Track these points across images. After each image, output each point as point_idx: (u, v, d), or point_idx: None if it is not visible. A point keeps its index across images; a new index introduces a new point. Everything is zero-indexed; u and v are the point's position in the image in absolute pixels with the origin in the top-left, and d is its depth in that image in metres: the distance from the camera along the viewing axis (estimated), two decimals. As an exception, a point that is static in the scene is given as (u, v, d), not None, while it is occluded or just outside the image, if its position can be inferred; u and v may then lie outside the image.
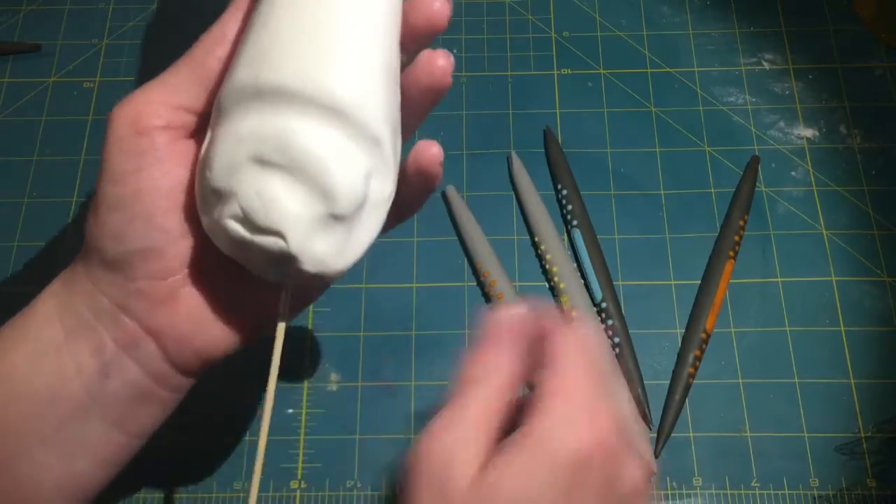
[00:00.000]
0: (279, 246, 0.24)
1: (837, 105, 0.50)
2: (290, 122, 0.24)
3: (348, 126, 0.24)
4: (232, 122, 0.25)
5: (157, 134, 0.26)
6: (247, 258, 0.26)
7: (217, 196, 0.25)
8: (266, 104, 0.24)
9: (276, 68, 0.24)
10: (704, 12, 0.54)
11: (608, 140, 0.49)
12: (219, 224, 0.25)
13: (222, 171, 0.24)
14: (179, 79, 0.26)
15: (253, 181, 0.24)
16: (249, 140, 0.24)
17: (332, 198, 0.24)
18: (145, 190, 0.26)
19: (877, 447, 0.41)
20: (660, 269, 0.46)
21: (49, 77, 0.53)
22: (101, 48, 0.53)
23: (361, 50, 0.25)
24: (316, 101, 0.24)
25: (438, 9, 0.26)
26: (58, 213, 0.48)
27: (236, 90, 0.25)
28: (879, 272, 0.45)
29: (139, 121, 0.26)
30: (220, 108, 0.25)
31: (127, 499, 0.40)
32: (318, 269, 0.25)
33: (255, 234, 0.24)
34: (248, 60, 0.25)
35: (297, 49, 0.24)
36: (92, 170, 0.49)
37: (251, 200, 0.24)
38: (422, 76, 0.27)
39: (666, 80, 0.51)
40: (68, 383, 0.27)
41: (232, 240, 0.25)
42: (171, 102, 0.26)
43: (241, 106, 0.24)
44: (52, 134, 0.51)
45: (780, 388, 0.43)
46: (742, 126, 0.50)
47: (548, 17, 0.54)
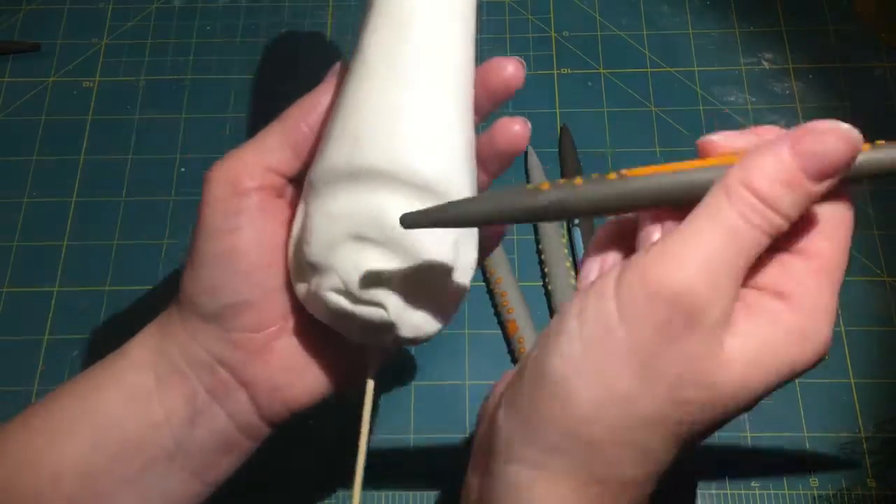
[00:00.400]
0: (380, 315, 0.26)
1: (837, 105, 0.50)
2: (383, 200, 0.25)
3: (439, 199, 0.25)
4: (327, 200, 0.26)
5: (252, 194, 0.27)
6: (344, 326, 0.27)
7: (314, 269, 0.27)
8: (359, 184, 0.26)
9: (366, 150, 0.25)
10: (704, 12, 0.54)
11: (608, 139, 0.49)
12: (317, 295, 0.27)
13: (320, 247, 0.26)
14: (273, 143, 0.28)
15: (351, 256, 0.26)
16: (346, 218, 0.26)
17: (427, 270, 0.26)
18: (241, 247, 0.27)
19: (877, 447, 0.41)
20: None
21: (48, 77, 0.52)
22: (101, 48, 0.53)
23: (444, 127, 0.26)
24: (405, 180, 0.25)
25: (513, 73, 0.28)
26: (57, 212, 0.48)
27: (329, 170, 0.26)
28: (879, 272, 0.45)
29: (237, 182, 0.27)
30: (313, 185, 0.27)
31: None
32: (414, 335, 0.27)
33: (356, 304, 0.26)
34: (340, 141, 0.26)
35: (385, 130, 0.26)
36: (91, 169, 0.49)
37: (351, 274, 0.26)
38: (500, 142, 0.28)
39: (666, 79, 0.51)
40: (157, 430, 0.27)
41: (330, 310, 0.27)
42: (264, 164, 0.28)
43: (334, 185, 0.26)
44: (52, 134, 0.51)
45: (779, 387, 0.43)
46: (742, 126, 0.50)
47: (547, 17, 0.54)
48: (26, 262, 0.47)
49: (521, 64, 0.28)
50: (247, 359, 0.28)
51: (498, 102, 0.29)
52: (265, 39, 0.53)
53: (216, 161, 0.28)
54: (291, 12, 0.54)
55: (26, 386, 0.43)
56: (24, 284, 0.46)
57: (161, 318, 0.29)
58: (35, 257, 0.47)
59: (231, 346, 0.27)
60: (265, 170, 0.28)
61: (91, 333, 0.45)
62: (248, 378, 0.28)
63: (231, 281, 0.27)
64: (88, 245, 0.47)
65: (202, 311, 0.27)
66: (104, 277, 0.46)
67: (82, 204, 0.48)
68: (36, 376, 0.44)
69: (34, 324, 0.45)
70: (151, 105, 0.51)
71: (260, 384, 0.28)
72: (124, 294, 0.46)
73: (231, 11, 0.54)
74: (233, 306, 0.27)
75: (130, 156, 0.50)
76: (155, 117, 0.51)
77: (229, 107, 0.51)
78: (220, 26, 0.54)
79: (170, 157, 0.50)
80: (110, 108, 0.51)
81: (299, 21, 0.54)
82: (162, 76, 0.52)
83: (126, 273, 0.46)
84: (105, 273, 0.46)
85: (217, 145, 0.50)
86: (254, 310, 0.27)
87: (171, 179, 0.49)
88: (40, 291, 0.46)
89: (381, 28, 0.26)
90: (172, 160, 0.50)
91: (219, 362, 0.28)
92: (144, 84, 0.52)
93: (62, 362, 0.44)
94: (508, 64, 0.28)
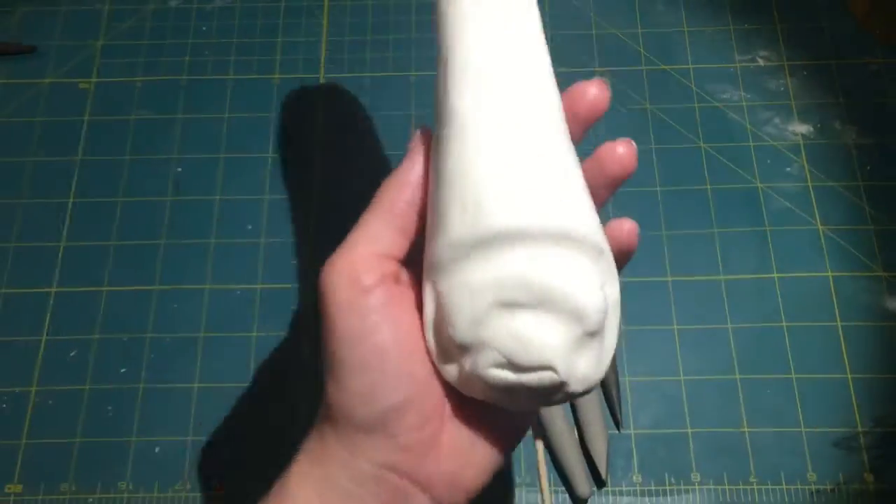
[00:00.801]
0: (550, 378, 0.25)
1: (832, 101, 0.50)
2: (523, 260, 0.24)
3: (576, 246, 0.25)
4: (460, 275, 0.25)
5: (376, 289, 0.26)
6: (508, 399, 0.26)
7: (463, 350, 0.25)
8: (492, 250, 0.24)
9: (492, 213, 0.24)
10: (699, 9, 0.54)
11: (603, 137, 0.49)
12: (473, 375, 0.25)
13: (466, 325, 0.25)
14: (378, 229, 0.27)
15: (506, 326, 0.24)
16: (488, 289, 0.24)
17: (584, 318, 0.25)
18: (385, 346, 0.25)
19: (874, 442, 0.41)
20: (656, 265, 0.46)
21: (44, 78, 0.53)
22: (97, 49, 0.53)
23: (563, 168, 0.25)
24: (543, 234, 0.24)
25: (597, 94, 0.27)
26: (54, 213, 0.48)
27: (454, 243, 0.25)
28: (875, 267, 0.45)
29: (358, 280, 0.26)
30: (439, 263, 0.26)
31: None
32: (584, 387, 0.26)
33: (522, 374, 0.25)
34: (459, 211, 0.25)
35: (506, 188, 0.25)
36: (88, 171, 0.49)
37: (511, 344, 0.24)
38: (610, 168, 0.27)
39: (661, 77, 0.51)
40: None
41: (492, 386, 0.25)
42: (377, 253, 0.26)
43: (465, 258, 0.25)
44: (48, 135, 0.51)
45: (778, 383, 0.43)
46: (737, 122, 0.50)
47: (543, 15, 0.54)
48: (24, 264, 0.47)
49: (604, 84, 0.27)
50: (418, 459, 0.26)
51: (587, 128, 0.28)
52: (261, 40, 0.54)
53: (328, 261, 0.27)
54: (287, 13, 0.54)
55: (24, 387, 0.43)
56: (21, 286, 0.46)
57: (311, 447, 0.27)
58: (32, 258, 0.47)
59: (399, 451, 0.26)
60: (380, 258, 0.26)
61: (89, 334, 0.45)
62: (423, 478, 0.26)
63: (384, 382, 0.25)
64: (85, 246, 0.47)
65: (361, 423, 0.26)
66: (101, 278, 0.46)
67: (79, 205, 0.48)
68: (34, 377, 0.44)
69: (32, 325, 0.45)
70: (148, 106, 0.51)
71: (436, 480, 0.26)
72: (122, 295, 0.46)
73: (227, 12, 0.55)
74: (393, 408, 0.25)
75: (127, 157, 0.50)
76: (151, 118, 0.51)
77: (226, 107, 0.51)
78: (216, 27, 0.54)
79: (166, 158, 0.50)
80: (107, 110, 0.51)
81: (295, 21, 0.54)
82: (158, 77, 0.52)
83: (123, 273, 0.46)
84: (102, 274, 0.46)
85: (214, 146, 0.50)
86: (413, 406, 0.26)
87: (168, 180, 0.49)
88: (38, 293, 0.46)
89: (466, 88, 0.26)
90: (169, 161, 0.50)
91: (390, 471, 0.26)
92: (141, 85, 0.52)
93: (60, 363, 0.44)
94: (591, 87, 0.27)
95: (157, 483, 0.41)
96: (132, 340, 0.45)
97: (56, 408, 0.43)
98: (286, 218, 0.48)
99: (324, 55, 0.53)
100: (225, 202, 0.48)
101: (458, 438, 0.27)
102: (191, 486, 0.41)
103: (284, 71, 0.52)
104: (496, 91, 0.25)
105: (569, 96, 0.27)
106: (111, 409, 0.43)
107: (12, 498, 0.41)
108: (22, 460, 0.42)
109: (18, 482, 0.41)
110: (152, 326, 0.45)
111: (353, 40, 0.53)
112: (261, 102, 0.51)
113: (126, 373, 0.44)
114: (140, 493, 0.41)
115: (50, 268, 0.47)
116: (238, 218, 0.48)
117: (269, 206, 0.48)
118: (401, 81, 0.51)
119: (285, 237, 0.47)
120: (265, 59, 0.53)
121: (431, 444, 0.26)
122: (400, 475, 0.26)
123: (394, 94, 0.51)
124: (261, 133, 0.50)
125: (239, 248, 0.47)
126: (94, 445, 0.42)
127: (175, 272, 0.46)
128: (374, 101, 0.51)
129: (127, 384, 0.44)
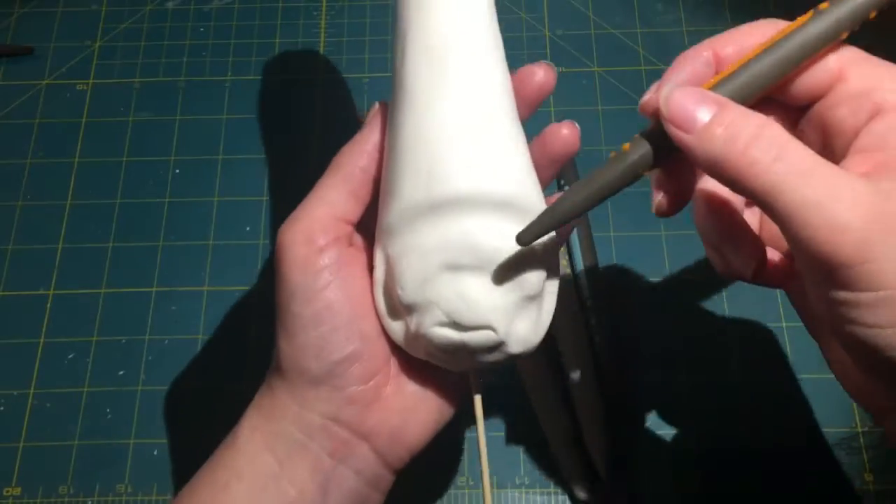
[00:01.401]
0: (490, 337, 0.26)
1: (831, 100, 0.50)
2: (470, 225, 0.26)
3: (519, 213, 0.26)
4: (410, 238, 0.27)
5: (329, 249, 0.28)
6: (451, 358, 0.27)
7: (410, 310, 0.27)
8: (441, 215, 0.26)
9: (442, 181, 0.26)
10: (698, 9, 0.54)
11: (602, 137, 0.49)
12: (419, 334, 0.27)
13: (415, 286, 0.26)
14: (335, 194, 0.29)
15: (451, 287, 0.26)
16: (436, 251, 0.26)
17: (524, 282, 0.26)
18: (335, 302, 0.27)
19: (874, 442, 0.41)
20: (655, 264, 0.46)
21: (42, 80, 0.52)
22: (94, 50, 0.53)
23: (508, 145, 0.27)
24: (490, 202, 0.26)
25: (543, 77, 0.29)
26: (52, 215, 0.48)
27: (408, 209, 0.27)
28: (875, 267, 0.45)
29: (312, 240, 0.27)
30: (391, 227, 0.27)
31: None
32: (522, 349, 0.27)
33: (465, 332, 0.26)
34: (412, 178, 0.27)
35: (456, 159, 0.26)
36: (86, 172, 0.49)
37: (455, 303, 0.26)
38: (554, 147, 0.29)
39: (660, 76, 0.51)
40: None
41: (435, 345, 0.27)
42: (332, 216, 0.28)
43: (416, 222, 0.26)
44: (46, 137, 0.51)
45: (778, 383, 0.43)
46: (736, 122, 0.50)
47: (541, 16, 0.54)
48: (21, 265, 0.47)
49: (551, 67, 0.29)
50: (362, 411, 0.28)
51: (534, 108, 0.30)
52: (259, 41, 0.54)
53: (285, 221, 0.28)
54: (285, 14, 0.54)
55: (22, 389, 0.43)
56: (19, 287, 0.46)
57: (261, 399, 0.29)
58: (30, 260, 0.47)
59: (345, 403, 0.28)
60: (335, 221, 0.28)
61: (87, 336, 0.45)
62: (367, 430, 0.28)
63: (334, 337, 0.27)
64: (83, 248, 0.47)
65: (310, 375, 0.27)
66: (99, 280, 0.46)
67: (77, 207, 0.48)
68: (32, 379, 0.44)
69: (30, 327, 0.45)
70: (145, 107, 0.51)
71: (379, 433, 0.28)
72: (120, 296, 0.46)
73: (224, 13, 0.54)
74: (341, 362, 0.27)
75: (125, 158, 0.50)
76: (149, 119, 0.51)
77: (223, 109, 0.51)
78: (214, 28, 0.54)
79: (164, 160, 0.50)
80: (104, 111, 0.51)
81: (293, 22, 0.54)
82: (156, 78, 0.52)
83: (121, 275, 0.46)
84: (100, 275, 0.46)
85: (211, 147, 0.50)
86: (360, 361, 0.28)
87: (166, 181, 0.49)
88: (35, 295, 0.46)
89: (421, 65, 0.27)
90: (167, 162, 0.50)
91: (335, 422, 0.28)
92: (138, 86, 0.52)
93: (58, 365, 0.44)
94: (538, 70, 0.29)
95: (156, 485, 0.41)
96: (130, 342, 0.45)
97: (54, 410, 0.43)
98: (285, 219, 0.48)
99: (322, 56, 0.53)
100: (223, 204, 0.48)
101: (402, 396, 0.29)
102: (189, 488, 0.41)
103: (283, 72, 0.52)
104: (450, 69, 0.27)
105: (518, 77, 0.29)
106: (109, 411, 0.43)
107: (11, 500, 0.41)
108: (20, 463, 0.42)
109: (17, 485, 0.41)
110: (150, 328, 0.45)
111: (351, 41, 0.53)
112: (259, 104, 0.51)
113: (124, 375, 0.44)
114: (138, 496, 0.41)
115: (48, 270, 0.47)
116: (236, 219, 0.48)
117: (267, 208, 0.48)
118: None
119: (284, 238, 0.47)
120: (263, 60, 0.53)
121: (375, 398, 0.28)
122: (343, 427, 0.28)
123: (392, 94, 0.51)
124: (259, 134, 0.50)
125: (237, 250, 0.47)
126: (93, 448, 0.42)
127: (173, 274, 0.46)
128: (373, 101, 0.51)
129: (125, 386, 0.44)
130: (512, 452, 0.41)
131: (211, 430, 0.42)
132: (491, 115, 0.27)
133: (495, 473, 0.41)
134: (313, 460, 0.28)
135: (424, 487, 0.41)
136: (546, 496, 0.40)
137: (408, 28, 0.28)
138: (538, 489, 0.41)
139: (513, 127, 0.28)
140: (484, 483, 0.29)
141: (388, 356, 0.29)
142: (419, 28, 0.28)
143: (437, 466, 0.41)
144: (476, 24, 0.28)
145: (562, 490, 0.41)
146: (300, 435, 0.28)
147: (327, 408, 0.28)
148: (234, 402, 0.43)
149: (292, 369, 0.28)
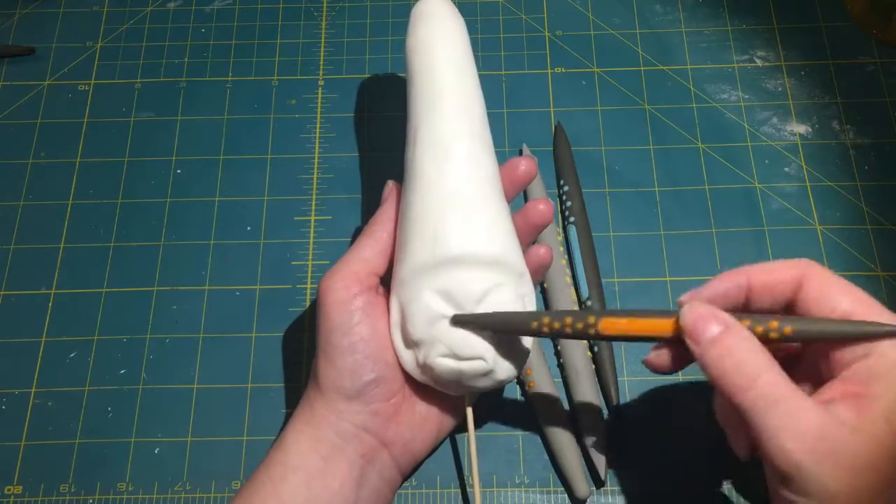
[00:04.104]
0: (482, 366, 0.34)
1: (830, 101, 0.50)
2: (465, 278, 0.34)
3: (504, 271, 0.34)
4: (419, 289, 0.34)
5: (362, 294, 0.35)
6: (450, 384, 0.35)
7: (419, 344, 0.34)
8: (442, 272, 0.34)
9: (445, 245, 0.34)
10: (697, 10, 0.54)
11: (602, 138, 0.50)
12: (426, 364, 0.34)
13: (423, 326, 0.34)
14: (368, 253, 0.36)
15: (451, 326, 0.34)
16: (439, 298, 0.34)
17: None
18: (368, 336, 0.35)
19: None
20: (654, 265, 0.46)
21: (44, 80, 0.53)
22: (96, 51, 0.53)
23: (496, 216, 0.35)
24: (480, 261, 0.34)
25: (525, 169, 0.37)
26: (54, 215, 0.48)
27: (418, 266, 0.34)
28: (873, 266, 0.45)
29: (349, 287, 0.35)
30: (404, 280, 0.35)
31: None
32: (506, 376, 0.35)
33: (462, 361, 0.34)
34: (421, 243, 0.34)
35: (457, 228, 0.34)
36: (87, 172, 0.49)
37: (455, 339, 0.34)
38: (533, 219, 0.37)
39: (659, 77, 0.52)
40: (335, 497, 0.34)
41: (440, 372, 0.34)
42: (366, 270, 0.36)
43: (423, 277, 0.34)
44: (48, 137, 0.51)
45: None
46: (735, 123, 0.50)
47: (541, 16, 0.54)
48: (23, 265, 0.47)
49: (533, 161, 0.37)
50: (385, 423, 0.35)
51: (518, 190, 0.38)
52: (260, 42, 0.54)
53: (328, 272, 0.36)
54: (286, 14, 0.55)
55: (24, 388, 0.44)
56: (21, 287, 0.46)
57: (302, 411, 0.36)
58: (32, 260, 0.47)
59: (371, 416, 0.35)
60: (367, 273, 0.36)
61: (88, 335, 0.45)
62: (387, 439, 0.35)
63: (364, 363, 0.34)
64: (85, 247, 0.47)
65: (345, 392, 0.34)
66: (101, 279, 0.46)
67: (79, 206, 0.48)
68: (34, 378, 0.44)
69: (31, 326, 0.45)
70: (147, 107, 0.52)
71: (396, 443, 0.35)
72: (121, 296, 0.46)
73: (225, 14, 0.55)
74: (369, 382, 0.34)
75: (126, 158, 0.50)
76: (150, 120, 0.51)
77: (224, 109, 0.51)
78: (215, 29, 0.54)
79: (165, 160, 0.50)
80: (106, 111, 0.52)
81: (294, 23, 0.54)
82: (157, 79, 0.53)
83: (123, 275, 0.46)
84: (102, 275, 0.46)
85: (213, 147, 0.50)
86: (384, 383, 0.35)
87: (168, 182, 0.49)
88: (37, 294, 0.46)
89: (428, 155, 0.36)
90: (168, 162, 0.50)
91: (364, 431, 0.35)
92: (140, 87, 0.52)
93: (59, 364, 0.44)
94: (521, 163, 0.37)
95: (157, 484, 0.41)
96: (132, 341, 0.45)
97: (56, 409, 0.43)
98: (285, 219, 0.48)
99: (323, 56, 0.53)
100: (224, 203, 0.48)
101: (413, 414, 0.36)
102: (191, 486, 0.41)
103: (283, 73, 0.53)
104: (451, 160, 0.35)
105: (506, 167, 0.37)
106: (111, 410, 0.43)
107: (12, 499, 0.41)
108: (22, 461, 0.42)
109: (18, 483, 0.41)
110: (152, 327, 0.45)
111: (351, 42, 0.54)
112: (260, 104, 0.52)
113: (126, 374, 0.44)
114: (140, 494, 0.41)
115: (49, 269, 0.47)
116: (237, 219, 0.48)
117: (269, 208, 0.48)
118: (399, 83, 0.52)
119: (284, 238, 0.47)
120: (264, 60, 0.53)
121: (394, 413, 0.35)
122: (370, 435, 0.35)
123: (392, 95, 0.52)
124: (260, 135, 0.51)
125: (238, 249, 0.47)
126: (94, 446, 0.42)
127: (174, 273, 0.46)
128: (373, 102, 0.51)
129: (126, 385, 0.44)
130: (512, 452, 0.42)
131: (213, 428, 0.43)
132: (482, 194, 0.35)
133: (495, 473, 0.41)
134: (349, 460, 0.34)
135: (424, 488, 0.41)
136: (546, 496, 0.41)
137: (419, 125, 0.36)
138: (538, 489, 0.41)
139: (499, 203, 0.35)
140: (475, 483, 0.36)
141: (403, 381, 0.36)
142: (428, 128, 0.36)
143: (437, 466, 0.41)
144: (472, 125, 0.36)
145: (562, 490, 0.41)
146: (338, 439, 0.34)
147: (358, 419, 0.34)
148: (235, 401, 0.43)
149: (330, 387, 0.35)
